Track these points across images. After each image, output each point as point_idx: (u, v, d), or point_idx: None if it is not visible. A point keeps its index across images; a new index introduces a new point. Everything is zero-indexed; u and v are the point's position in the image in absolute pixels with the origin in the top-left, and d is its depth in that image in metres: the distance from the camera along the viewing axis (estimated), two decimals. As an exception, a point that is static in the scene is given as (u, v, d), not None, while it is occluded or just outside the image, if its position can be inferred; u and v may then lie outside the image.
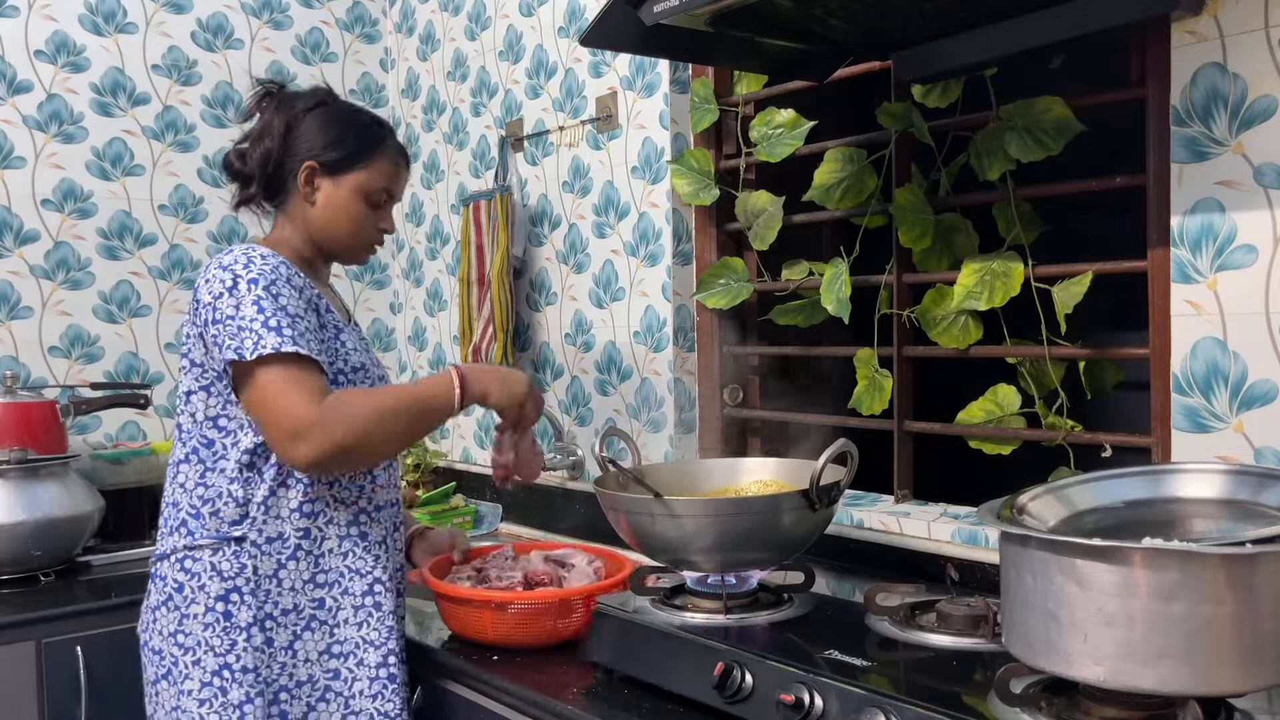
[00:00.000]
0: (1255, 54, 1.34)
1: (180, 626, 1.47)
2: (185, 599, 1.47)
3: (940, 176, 1.79)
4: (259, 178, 1.57)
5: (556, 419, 2.43)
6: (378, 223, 1.61)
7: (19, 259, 2.49)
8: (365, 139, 1.58)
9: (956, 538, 1.69)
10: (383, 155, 1.59)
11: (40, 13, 2.51)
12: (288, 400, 1.37)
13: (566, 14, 2.37)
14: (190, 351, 1.49)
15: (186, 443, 1.50)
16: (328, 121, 1.57)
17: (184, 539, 1.48)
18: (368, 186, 1.57)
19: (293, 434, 1.36)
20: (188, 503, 1.49)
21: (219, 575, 1.46)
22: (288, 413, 1.37)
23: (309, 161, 1.55)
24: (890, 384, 1.84)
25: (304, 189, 1.56)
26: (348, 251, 1.61)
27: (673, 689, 1.34)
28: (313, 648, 1.50)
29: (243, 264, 1.43)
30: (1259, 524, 1.03)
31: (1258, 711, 1.07)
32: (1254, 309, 1.36)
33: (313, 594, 1.50)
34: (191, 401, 1.49)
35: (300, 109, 1.57)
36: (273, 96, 1.60)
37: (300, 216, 1.57)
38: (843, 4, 1.43)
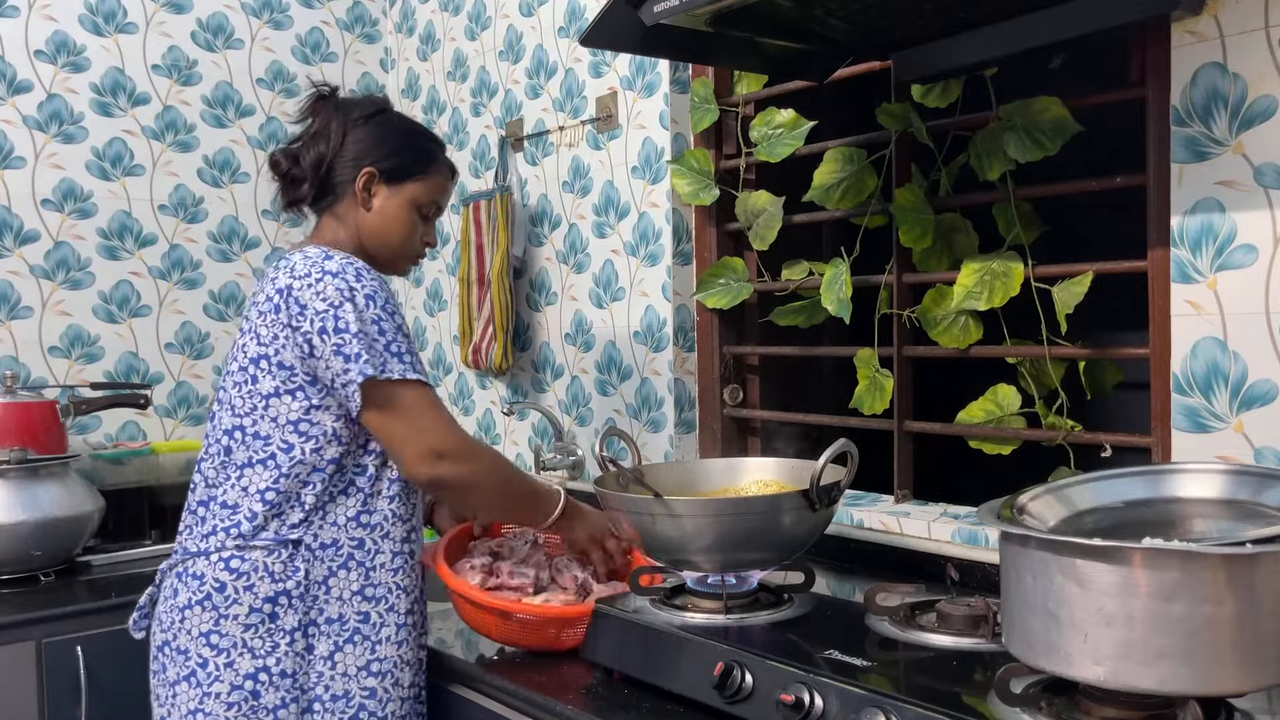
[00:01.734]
0: (1255, 54, 1.34)
1: (216, 627, 1.44)
2: (226, 599, 1.44)
3: (940, 176, 1.79)
4: (311, 180, 1.56)
5: (556, 419, 2.43)
6: (424, 235, 1.63)
7: (19, 259, 2.49)
8: (423, 151, 1.60)
9: (956, 538, 1.69)
10: (438, 169, 1.62)
11: (40, 13, 2.51)
12: (437, 421, 1.44)
13: (566, 14, 2.37)
14: (280, 353, 1.44)
15: (251, 445, 1.46)
16: (388, 130, 1.58)
17: (234, 539, 1.45)
18: (422, 198, 1.59)
19: (437, 453, 1.42)
20: (248, 505, 1.45)
21: (270, 576, 1.44)
22: (437, 432, 1.43)
23: (369, 168, 1.55)
24: (891, 384, 1.84)
25: (360, 194, 1.56)
26: (393, 260, 1.61)
27: (673, 689, 1.34)
28: (352, 662, 1.48)
29: (353, 275, 1.43)
30: (1259, 524, 1.03)
31: (1258, 711, 1.07)
32: (1254, 309, 1.36)
33: (359, 606, 1.49)
34: (273, 405, 1.45)
35: (359, 115, 1.58)
36: (326, 100, 1.60)
37: (352, 221, 1.57)
38: (843, 4, 1.43)
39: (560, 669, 1.51)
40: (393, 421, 1.43)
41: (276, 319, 1.44)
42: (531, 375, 2.54)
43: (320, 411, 1.45)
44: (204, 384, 2.73)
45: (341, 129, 1.56)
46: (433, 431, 1.43)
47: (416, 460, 1.43)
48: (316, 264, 1.44)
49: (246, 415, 1.47)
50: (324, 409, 1.45)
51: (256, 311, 1.47)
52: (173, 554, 1.53)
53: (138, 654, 2.02)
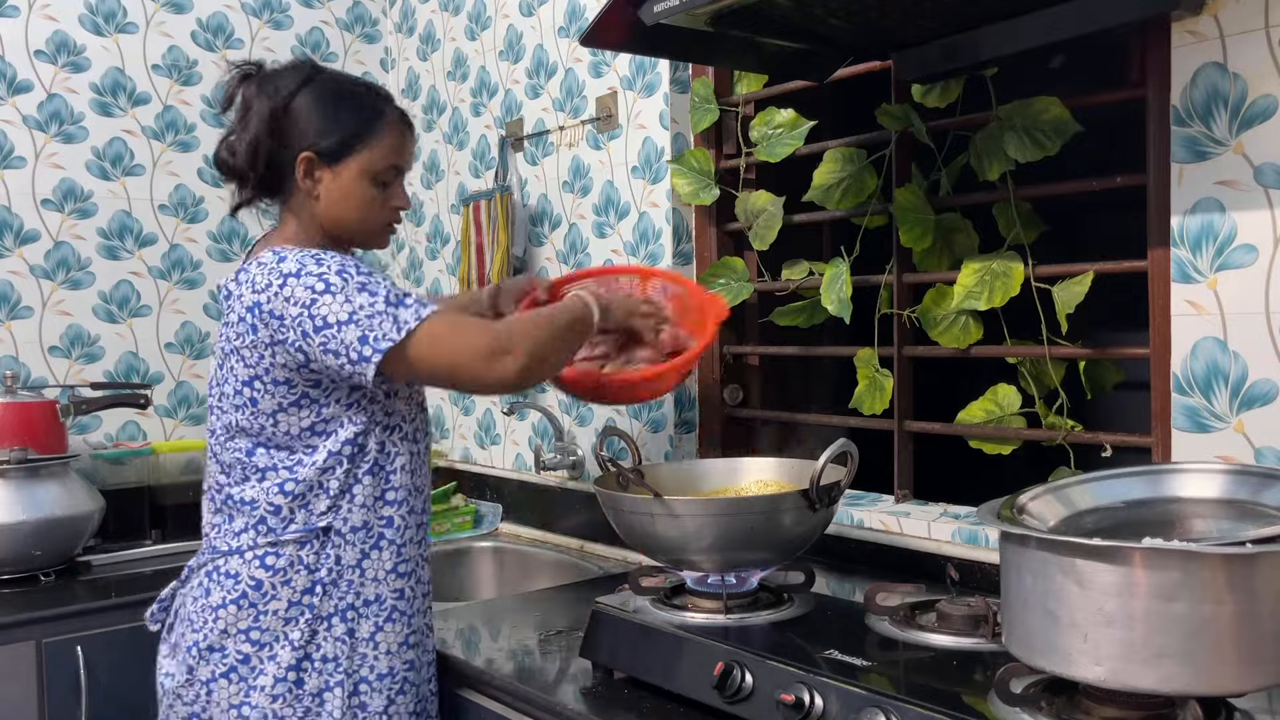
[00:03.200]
0: (1255, 54, 1.34)
1: (256, 623, 1.42)
2: (264, 595, 1.42)
3: (940, 176, 1.79)
4: (252, 174, 1.46)
5: (556, 419, 2.43)
6: (389, 201, 1.51)
7: (19, 259, 2.49)
8: (362, 115, 1.46)
9: (956, 538, 1.69)
10: (384, 130, 1.48)
11: (40, 13, 2.52)
12: (469, 332, 1.37)
13: (566, 14, 2.37)
14: (271, 371, 1.39)
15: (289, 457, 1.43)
16: (318, 102, 1.44)
17: (265, 535, 1.43)
18: (373, 167, 1.47)
19: (492, 353, 1.35)
20: (266, 500, 1.43)
21: (305, 568, 1.43)
22: (474, 342, 1.36)
23: (304, 152, 1.43)
24: (891, 384, 1.84)
25: (304, 183, 1.45)
26: (364, 237, 1.52)
27: (673, 689, 1.34)
28: (393, 639, 1.48)
29: (313, 263, 1.36)
30: (1259, 524, 1.03)
31: (1258, 711, 1.07)
32: (1254, 309, 1.36)
33: (394, 584, 1.48)
34: (281, 421, 1.41)
35: (285, 92, 1.44)
36: (251, 79, 1.47)
37: (306, 211, 1.48)
38: (843, 4, 1.43)
39: (560, 669, 1.51)
40: (439, 361, 1.36)
41: (256, 339, 1.38)
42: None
43: (332, 407, 1.42)
44: (204, 384, 2.73)
45: (269, 110, 1.43)
46: (471, 343, 1.35)
47: (485, 375, 1.36)
48: (273, 270, 1.37)
49: (259, 433, 1.43)
50: (335, 403, 1.41)
51: (234, 332, 1.41)
52: (200, 552, 1.50)
53: (138, 654, 2.03)
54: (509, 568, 2.40)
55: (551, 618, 1.75)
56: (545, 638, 1.65)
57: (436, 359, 1.36)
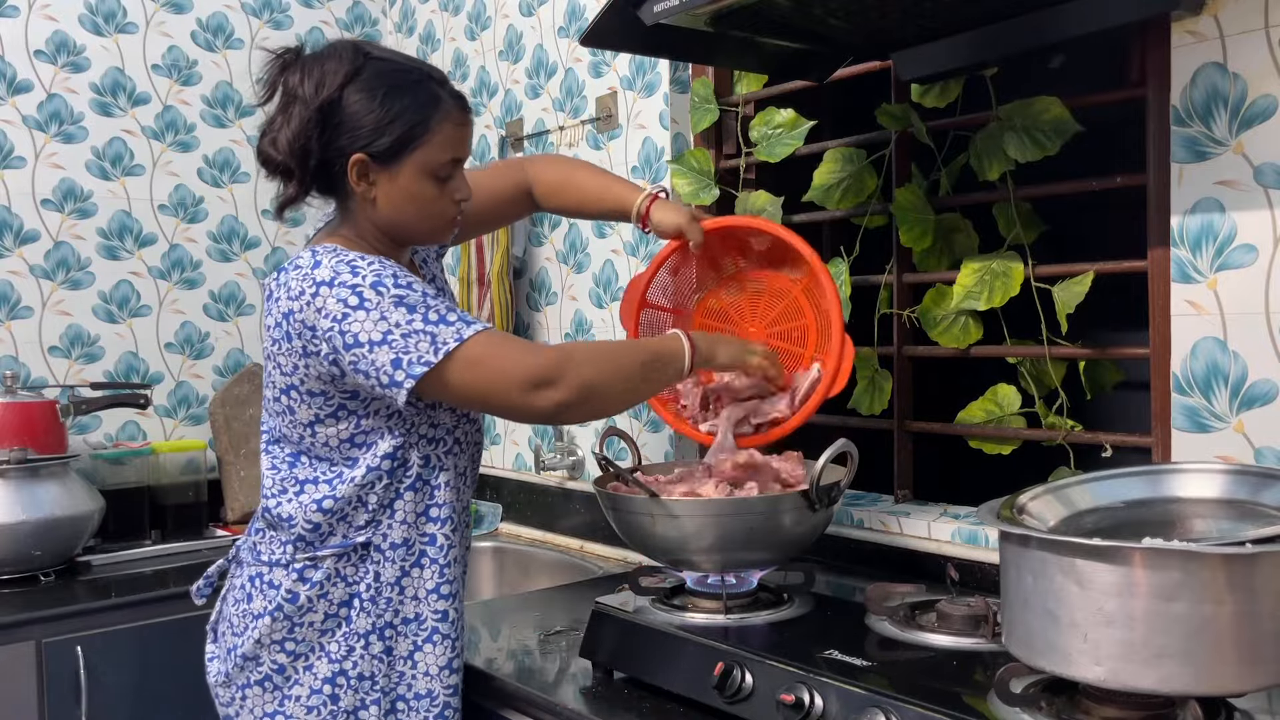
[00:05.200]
0: (1255, 54, 1.34)
1: (291, 634, 1.38)
2: (300, 608, 1.37)
3: (940, 176, 1.79)
4: (299, 172, 1.33)
5: (556, 419, 2.43)
6: (451, 194, 1.39)
7: (19, 259, 2.49)
8: (416, 108, 1.33)
9: (956, 538, 1.69)
10: (441, 120, 1.35)
11: (40, 13, 2.51)
12: (510, 357, 1.26)
13: (566, 14, 2.37)
14: (305, 381, 1.32)
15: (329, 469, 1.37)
16: (368, 96, 1.31)
17: (304, 550, 1.38)
18: (432, 163, 1.35)
19: (533, 383, 1.25)
20: (304, 518, 1.37)
21: (343, 581, 1.38)
22: (516, 367, 1.25)
23: (356, 155, 1.32)
24: (890, 384, 1.84)
25: (358, 186, 1.34)
26: (427, 235, 1.42)
27: (673, 689, 1.34)
28: (434, 661, 1.41)
29: (347, 273, 1.26)
30: (1259, 524, 1.03)
31: (1258, 711, 1.07)
32: (1254, 309, 1.36)
33: (436, 605, 1.41)
34: (320, 432, 1.35)
35: (332, 84, 1.31)
36: (293, 67, 1.34)
37: (364, 215, 1.37)
38: (843, 4, 1.43)
39: (560, 669, 1.51)
40: (473, 387, 1.27)
41: (291, 348, 1.31)
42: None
43: (371, 418, 1.35)
44: (204, 384, 2.73)
45: (316, 105, 1.30)
46: (512, 368, 1.25)
47: (522, 405, 1.27)
48: (308, 277, 1.28)
49: (299, 442, 1.38)
50: (374, 414, 1.34)
51: (270, 337, 1.34)
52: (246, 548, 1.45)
53: (138, 654, 2.03)
54: (509, 568, 2.40)
55: (551, 618, 1.75)
56: (545, 638, 1.65)
57: (472, 384, 1.27)
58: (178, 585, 2.13)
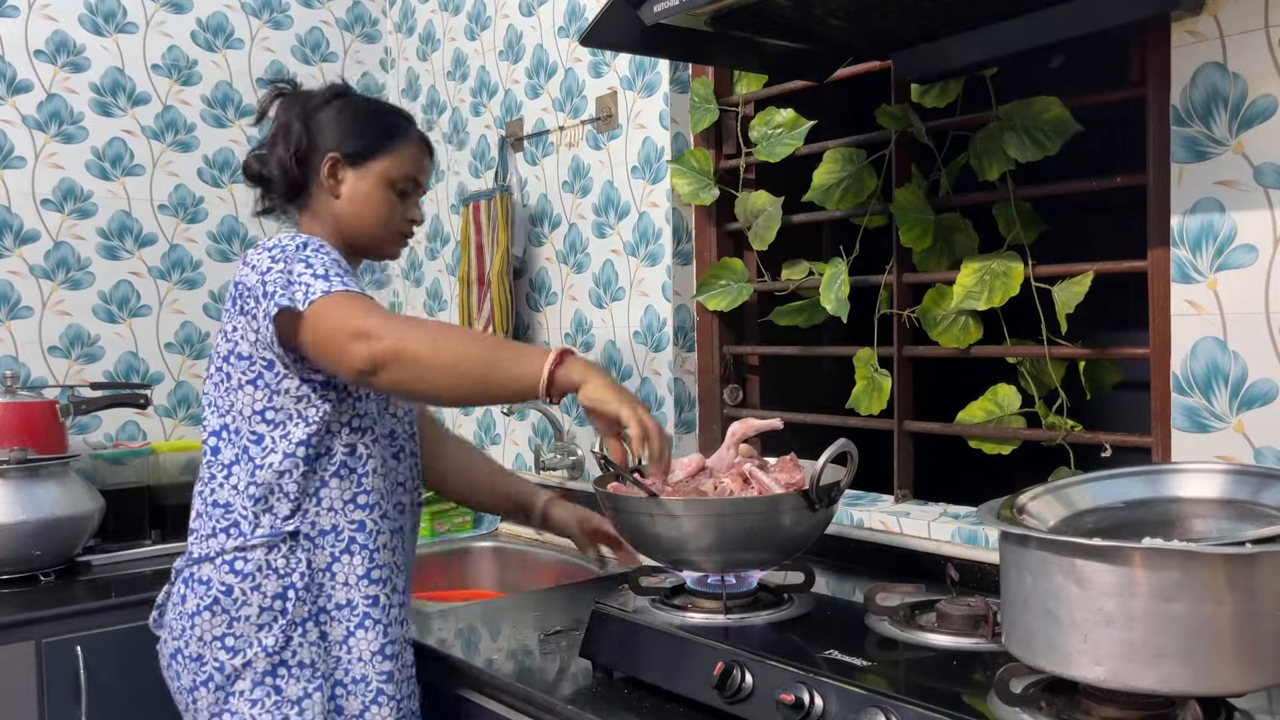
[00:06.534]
0: (1255, 54, 1.34)
1: (230, 630, 1.43)
2: (235, 601, 1.43)
3: (940, 176, 1.79)
4: (280, 180, 1.54)
5: (556, 419, 2.43)
6: (405, 213, 1.58)
7: (19, 259, 2.49)
8: (387, 126, 1.56)
9: (956, 538, 1.69)
10: (406, 143, 1.56)
11: (40, 13, 2.51)
12: (349, 311, 1.32)
13: (566, 14, 2.37)
14: (238, 345, 1.44)
15: (235, 441, 1.45)
16: (347, 112, 1.55)
17: (234, 540, 1.44)
18: (393, 174, 1.54)
19: (354, 335, 1.30)
20: (239, 503, 1.44)
21: (275, 573, 1.43)
22: (349, 320, 1.31)
23: (331, 153, 1.52)
24: (889, 384, 1.84)
25: (327, 181, 1.53)
26: (377, 243, 1.58)
27: (673, 689, 1.34)
28: (366, 646, 1.47)
29: (287, 238, 1.42)
30: (1259, 524, 1.03)
31: (1258, 711, 1.07)
32: (1254, 309, 1.36)
33: (367, 590, 1.47)
34: (238, 398, 1.45)
35: (316, 103, 1.55)
36: (285, 97, 1.58)
37: (326, 211, 1.54)
38: (843, 4, 1.43)
39: (560, 669, 1.51)
40: (317, 336, 1.34)
41: (233, 311, 1.43)
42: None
43: (283, 396, 1.43)
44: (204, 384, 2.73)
45: (302, 121, 1.53)
46: (346, 319, 1.31)
47: (340, 356, 1.31)
48: (261, 248, 1.43)
49: (227, 413, 1.46)
50: (285, 393, 1.43)
51: (225, 311, 1.48)
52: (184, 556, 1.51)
53: (138, 654, 2.03)
54: (509, 568, 2.40)
55: (551, 618, 1.75)
56: (545, 638, 1.65)
57: (316, 331, 1.34)
58: (178, 585, 2.13)
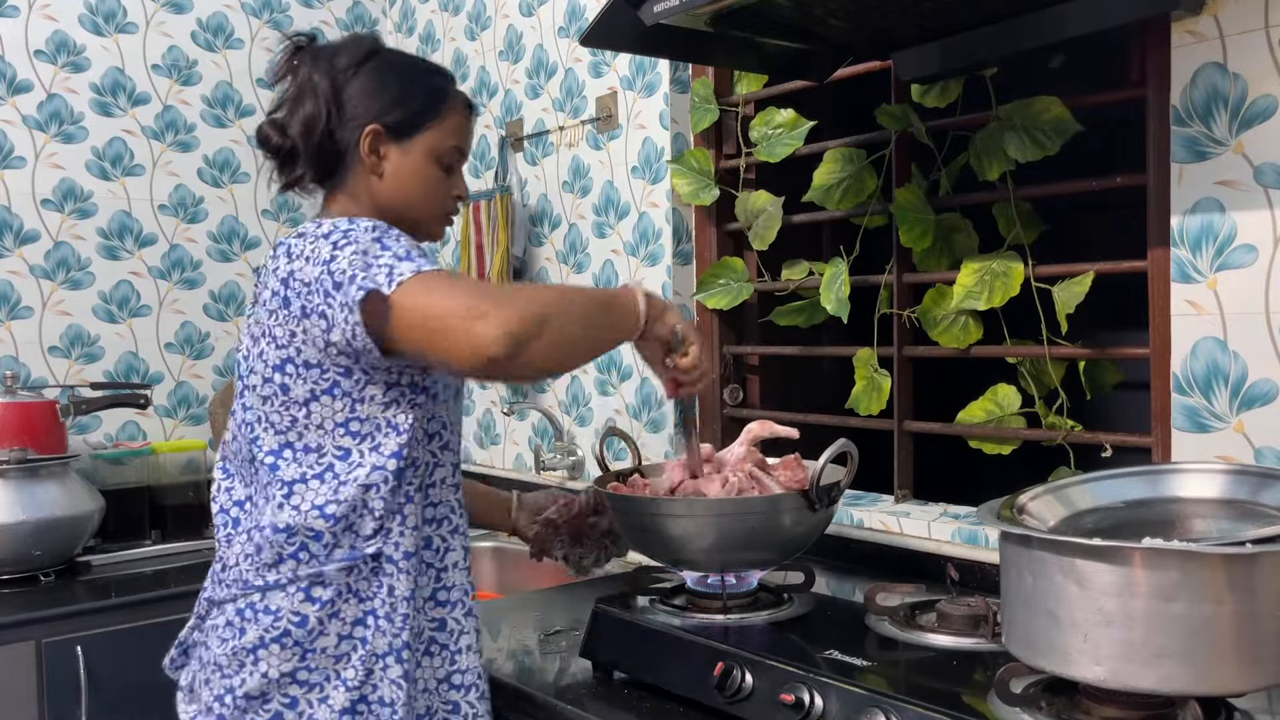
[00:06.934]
0: (1255, 54, 1.34)
1: (304, 663, 1.24)
2: (310, 632, 1.24)
3: (940, 176, 1.79)
4: (305, 151, 1.32)
5: (556, 419, 2.43)
6: (452, 189, 1.39)
7: (19, 259, 2.49)
8: (430, 92, 1.36)
9: (956, 538, 1.69)
10: (451, 108, 1.37)
11: (40, 13, 2.52)
12: (453, 290, 1.16)
13: (566, 14, 2.37)
14: (302, 351, 1.23)
15: (305, 460, 1.25)
16: (385, 75, 1.33)
17: (307, 566, 1.25)
18: (440, 147, 1.35)
19: (475, 315, 1.13)
20: (311, 524, 1.24)
21: (356, 597, 1.25)
22: (457, 302, 1.14)
23: (371, 125, 1.31)
24: (889, 384, 1.84)
25: (368, 159, 1.32)
26: (422, 224, 1.38)
27: (673, 689, 1.34)
28: (430, 675, 1.31)
29: (345, 223, 1.22)
30: (1259, 524, 1.03)
31: (1258, 711, 1.07)
32: (1254, 309, 1.36)
33: (432, 613, 1.31)
34: (314, 411, 1.24)
35: (345, 64, 1.32)
36: (304, 51, 1.35)
37: (365, 192, 1.34)
38: (843, 4, 1.43)
39: (560, 669, 1.51)
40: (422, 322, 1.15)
41: (288, 314, 1.23)
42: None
43: (368, 404, 1.24)
44: (204, 384, 2.73)
45: (329, 84, 1.31)
46: (453, 302, 1.14)
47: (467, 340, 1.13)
48: (310, 236, 1.23)
49: (290, 429, 1.26)
50: (370, 400, 1.24)
51: (266, 311, 1.26)
52: (218, 584, 1.32)
53: (138, 654, 2.03)
54: (509, 568, 2.40)
55: (551, 618, 1.75)
56: (545, 638, 1.65)
57: (416, 316, 1.16)
58: (178, 585, 2.13)
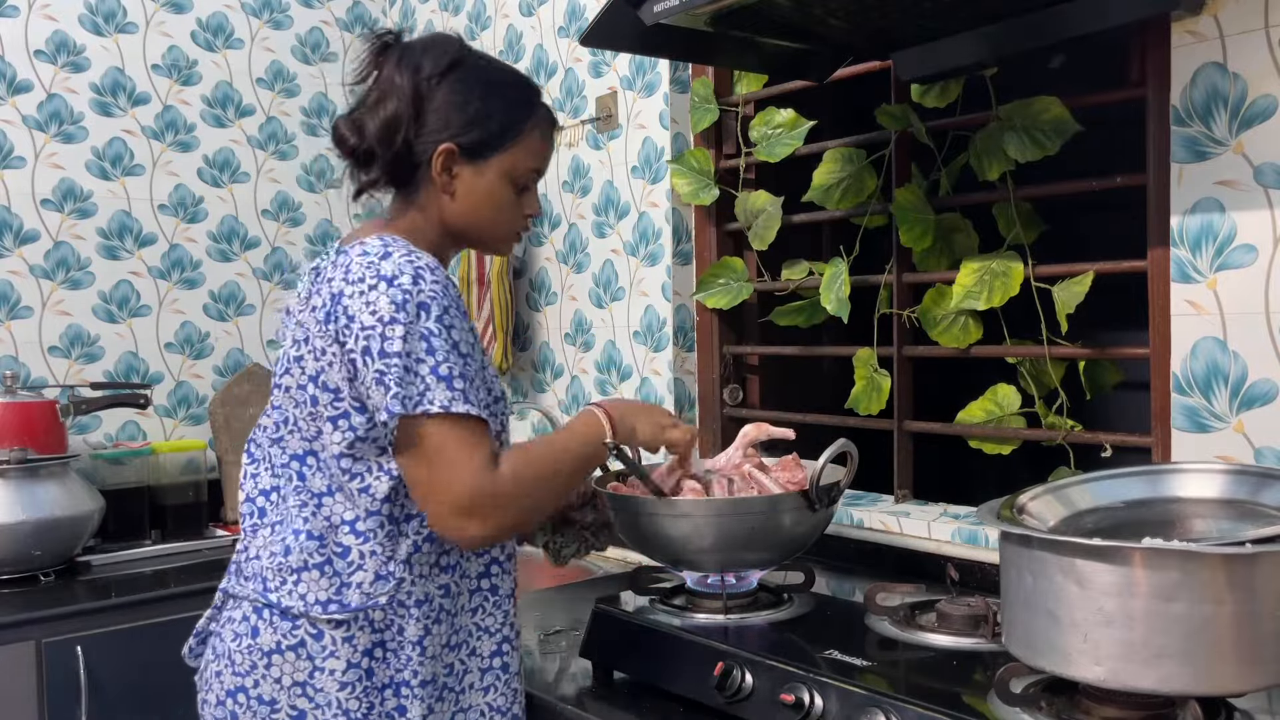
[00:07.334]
0: (1255, 54, 1.34)
1: (310, 679, 1.23)
2: (323, 649, 1.22)
3: (940, 176, 1.79)
4: (383, 155, 1.28)
5: (556, 419, 2.43)
6: (523, 210, 1.35)
7: (19, 259, 2.49)
8: (512, 111, 1.31)
9: (956, 538, 1.69)
10: (533, 129, 1.33)
11: (40, 13, 2.51)
12: (457, 471, 1.17)
13: (566, 14, 2.37)
14: (325, 372, 1.21)
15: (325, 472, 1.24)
16: (466, 90, 1.29)
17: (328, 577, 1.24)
18: (516, 169, 1.31)
19: (463, 510, 1.17)
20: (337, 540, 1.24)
21: (370, 626, 1.23)
22: (459, 484, 1.16)
23: (446, 145, 1.27)
24: (888, 384, 1.84)
25: (440, 177, 1.28)
26: (491, 243, 1.37)
27: (673, 689, 1.34)
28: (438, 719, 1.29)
29: (410, 279, 1.18)
30: (1259, 524, 1.03)
31: (1258, 711, 1.07)
32: (1254, 309, 1.36)
33: (446, 658, 1.28)
34: (324, 430, 1.23)
35: (430, 72, 1.28)
36: (390, 50, 1.32)
37: (435, 207, 1.30)
38: (843, 4, 1.43)
39: (560, 669, 1.51)
40: (415, 466, 1.19)
41: (326, 331, 1.20)
42: (531, 375, 2.54)
43: (366, 445, 1.22)
44: (204, 384, 2.73)
45: (412, 91, 1.27)
46: (455, 483, 1.16)
47: (443, 522, 1.19)
48: (372, 266, 1.19)
49: (315, 439, 1.25)
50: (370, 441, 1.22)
51: (313, 318, 1.23)
52: (240, 578, 1.30)
53: (138, 654, 2.03)
54: (509, 568, 2.40)
55: (551, 618, 1.75)
56: (545, 638, 1.65)
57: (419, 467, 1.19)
58: (178, 585, 2.13)
